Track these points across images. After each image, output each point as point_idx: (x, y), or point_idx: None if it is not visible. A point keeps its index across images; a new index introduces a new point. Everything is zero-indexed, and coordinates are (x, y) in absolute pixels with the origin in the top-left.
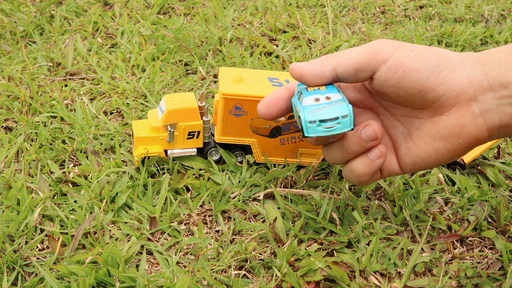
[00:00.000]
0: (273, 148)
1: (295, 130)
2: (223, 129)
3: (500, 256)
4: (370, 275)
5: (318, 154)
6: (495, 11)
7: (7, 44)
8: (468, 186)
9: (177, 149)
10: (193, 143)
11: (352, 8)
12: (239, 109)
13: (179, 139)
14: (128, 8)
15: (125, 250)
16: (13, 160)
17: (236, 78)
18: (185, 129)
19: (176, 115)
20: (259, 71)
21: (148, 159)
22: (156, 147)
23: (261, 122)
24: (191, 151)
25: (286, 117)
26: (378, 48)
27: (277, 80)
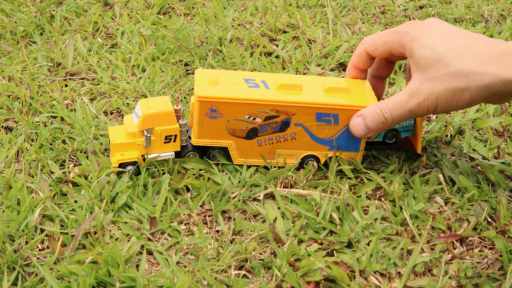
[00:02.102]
0: (250, 149)
1: (272, 131)
2: (200, 132)
3: (500, 256)
4: (370, 275)
5: (296, 154)
6: (495, 11)
7: (8, 44)
8: (468, 186)
9: (155, 153)
10: (171, 147)
11: (352, 8)
12: (214, 111)
13: (156, 144)
14: (128, 8)
15: (125, 250)
16: (13, 160)
17: (211, 80)
18: (161, 133)
19: (151, 120)
20: (236, 72)
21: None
22: (133, 152)
23: (238, 124)
24: (168, 155)
25: (262, 119)
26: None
27: (253, 81)
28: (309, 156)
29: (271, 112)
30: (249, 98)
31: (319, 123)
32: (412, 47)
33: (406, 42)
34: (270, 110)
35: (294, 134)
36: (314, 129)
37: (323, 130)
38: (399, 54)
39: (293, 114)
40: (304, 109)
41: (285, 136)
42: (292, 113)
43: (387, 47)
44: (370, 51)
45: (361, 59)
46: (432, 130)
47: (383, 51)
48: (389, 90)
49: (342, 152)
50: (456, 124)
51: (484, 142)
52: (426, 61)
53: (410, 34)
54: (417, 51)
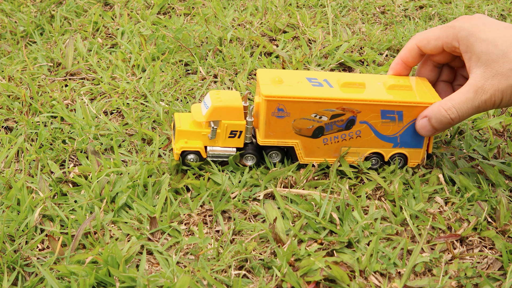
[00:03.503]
0: (316, 148)
1: (337, 129)
2: (267, 132)
3: (500, 256)
4: (370, 275)
5: (361, 152)
6: (495, 11)
7: (8, 44)
8: (468, 186)
9: (218, 146)
10: (234, 142)
11: (352, 8)
12: (281, 110)
13: (221, 137)
14: (128, 8)
15: (125, 250)
16: (13, 160)
17: (276, 80)
18: (227, 127)
19: (220, 112)
20: (296, 72)
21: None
22: (196, 142)
23: (304, 123)
24: (230, 150)
25: (328, 117)
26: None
27: (315, 80)
28: (373, 154)
29: (337, 110)
30: (316, 97)
31: (383, 120)
32: (469, 42)
33: (462, 37)
34: (336, 108)
35: (359, 131)
36: (379, 126)
37: (388, 127)
38: (451, 49)
39: (359, 111)
40: (370, 106)
41: (351, 134)
42: (358, 111)
43: (440, 41)
44: (422, 45)
45: (411, 53)
46: None
47: (435, 46)
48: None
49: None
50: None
51: (484, 142)
52: (489, 56)
53: (466, 29)
54: (477, 46)
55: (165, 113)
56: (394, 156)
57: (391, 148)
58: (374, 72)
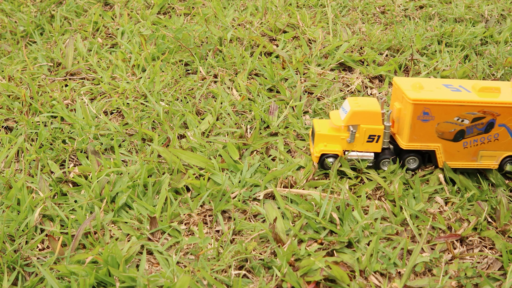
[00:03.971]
0: (456, 152)
1: (477, 133)
2: (411, 136)
3: (500, 256)
4: (370, 275)
5: (497, 156)
6: (495, 11)
7: (8, 44)
8: (468, 186)
9: (356, 151)
10: (372, 146)
11: (352, 8)
12: (427, 114)
13: (359, 141)
14: (128, 8)
15: (125, 250)
16: (13, 160)
17: (416, 86)
18: (366, 131)
19: (359, 117)
20: (433, 79)
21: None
22: (335, 145)
23: (447, 126)
24: (368, 155)
25: (470, 120)
26: None
27: (451, 85)
28: (508, 157)
29: (479, 114)
30: (459, 100)
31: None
32: None
33: None
34: (477, 111)
35: (497, 135)
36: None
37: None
38: None
39: (498, 114)
40: (509, 109)
41: (489, 137)
42: (497, 114)
43: None
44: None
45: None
46: None
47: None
48: (389, 90)
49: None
50: None
51: None
52: None
53: None
54: None
55: (165, 113)
56: (506, 160)
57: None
58: (374, 72)
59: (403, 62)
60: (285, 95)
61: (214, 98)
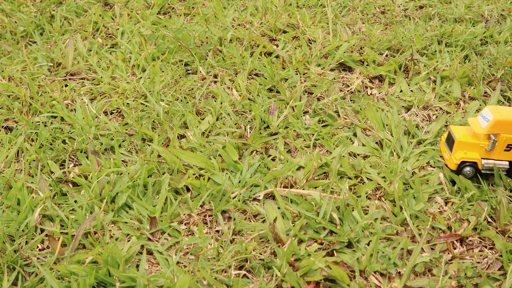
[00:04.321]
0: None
1: None
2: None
3: (500, 256)
4: (370, 275)
5: None
6: (495, 11)
7: (8, 44)
8: (468, 186)
9: (492, 159)
10: (509, 155)
11: (352, 8)
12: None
13: (497, 150)
14: (128, 8)
15: (125, 250)
16: (13, 160)
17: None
18: (506, 140)
19: (501, 126)
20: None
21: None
22: (474, 153)
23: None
24: (504, 163)
25: None
26: None
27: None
28: None
29: None
30: None
31: None
32: None
33: None
34: None
35: None
36: None
37: None
38: None
39: None
40: None
41: None
42: None
43: None
44: None
45: None
46: (432, 130)
47: None
48: (389, 90)
49: None
50: (456, 124)
51: None
52: None
53: None
54: None
55: (165, 113)
56: None
57: None
58: (374, 72)
59: (403, 62)
60: (285, 95)
61: (214, 98)
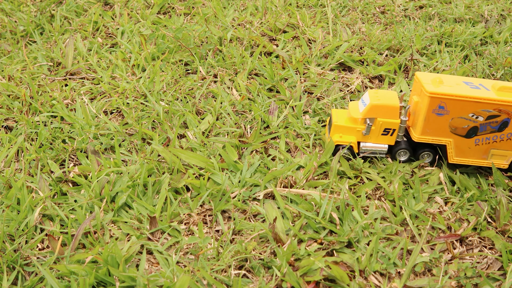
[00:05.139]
0: (467, 148)
1: (490, 130)
2: (424, 128)
3: (499, 256)
4: (370, 275)
5: (508, 156)
6: (495, 11)
7: (8, 43)
8: (468, 186)
9: (370, 143)
10: (386, 139)
11: (352, 8)
12: (442, 108)
13: (374, 134)
14: (128, 7)
15: (125, 249)
16: (13, 160)
17: (436, 81)
18: (382, 125)
19: (377, 110)
20: (454, 76)
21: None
22: (350, 137)
23: (461, 122)
24: (382, 146)
25: (484, 118)
26: None
27: (472, 83)
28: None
29: (494, 112)
30: (476, 96)
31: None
32: None
33: None
34: (493, 109)
35: (511, 134)
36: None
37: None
38: None
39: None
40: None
41: (502, 136)
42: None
43: None
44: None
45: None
46: None
47: None
48: (389, 90)
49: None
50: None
51: None
52: None
53: None
54: None
55: (165, 112)
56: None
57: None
58: (374, 72)
59: (403, 62)
60: (285, 95)
61: (214, 98)
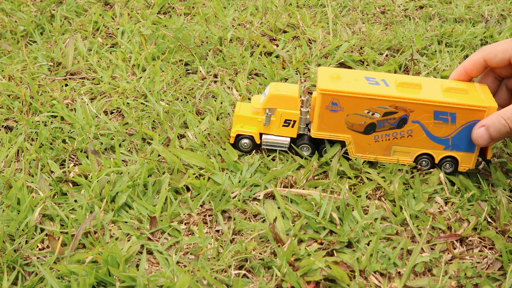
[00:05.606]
0: (367, 145)
1: (389, 127)
2: (320, 125)
3: (500, 256)
4: (370, 275)
5: (411, 152)
6: (495, 11)
7: (8, 43)
8: (468, 186)
9: (272, 135)
10: (288, 131)
11: (352, 8)
12: (335, 104)
13: (275, 125)
14: (128, 7)
15: (125, 249)
16: (13, 160)
17: (334, 76)
18: (282, 115)
19: (276, 100)
20: (357, 71)
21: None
22: (251, 127)
23: (357, 119)
24: (284, 139)
25: (381, 114)
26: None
27: (373, 79)
28: (424, 154)
29: (390, 108)
30: (369, 93)
31: (436, 121)
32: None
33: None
34: (389, 106)
35: (411, 131)
36: (431, 127)
37: (440, 128)
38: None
39: (412, 111)
40: (423, 106)
41: (402, 133)
42: (411, 110)
43: (508, 54)
44: (488, 58)
45: (476, 66)
46: None
47: (502, 59)
48: None
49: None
50: None
51: None
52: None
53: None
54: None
55: (165, 112)
56: (445, 159)
57: (442, 150)
58: None
59: (403, 62)
60: None
61: (214, 98)
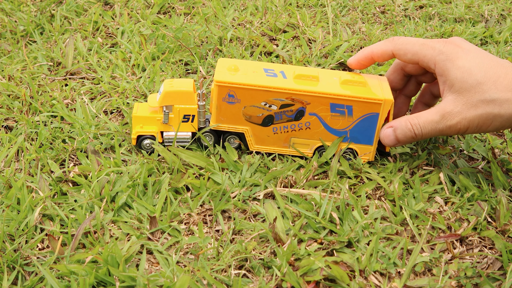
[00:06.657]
0: (266, 136)
1: (287, 119)
2: (217, 117)
3: (499, 256)
4: (370, 275)
5: (310, 144)
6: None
7: (8, 43)
8: (468, 186)
9: (173, 132)
10: (188, 126)
11: (352, 8)
12: (232, 96)
13: (175, 122)
14: (128, 7)
15: (125, 249)
16: (13, 160)
17: (232, 68)
18: (180, 111)
19: (172, 97)
20: (256, 62)
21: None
22: (152, 127)
23: (254, 111)
24: (185, 135)
25: (278, 106)
26: None
27: (272, 70)
28: (323, 146)
29: (287, 101)
30: (265, 85)
31: (333, 113)
32: (446, 67)
33: (440, 61)
34: (285, 98)
35: (309, 123)
36: (328, 119)
37: (337, 121)
38: (427, 68)
39: (308, 103)
40: (318, 98)
41: (300, 125)
42: (307, 102)
43: (417, 57)
44: (398, 54)
45: (383, 55)
46: None
47: (411, 60)
48: None
49: (353, 144)
50: None
51: (483, 142)
52: (462, 85)
53: (445, 53)
54: (452, 72)
55: None
56: (344, 151)
57: (341, 142)
58: (374, 72)
59: None
60: None
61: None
